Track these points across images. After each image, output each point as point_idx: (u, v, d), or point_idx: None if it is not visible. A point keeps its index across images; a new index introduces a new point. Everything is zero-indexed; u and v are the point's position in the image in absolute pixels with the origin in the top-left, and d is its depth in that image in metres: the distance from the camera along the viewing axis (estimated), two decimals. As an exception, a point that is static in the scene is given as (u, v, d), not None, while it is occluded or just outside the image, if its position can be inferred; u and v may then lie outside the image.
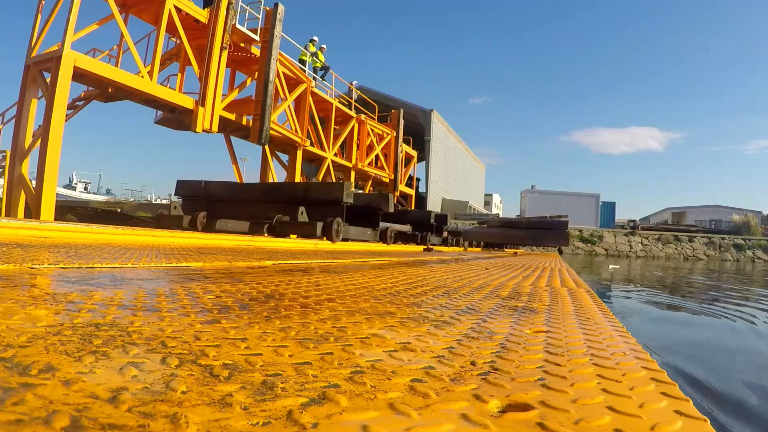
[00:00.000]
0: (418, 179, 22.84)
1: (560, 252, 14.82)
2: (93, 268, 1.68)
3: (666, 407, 0.51)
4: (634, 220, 32.19)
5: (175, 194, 7.63)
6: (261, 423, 0.41)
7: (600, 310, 1.30)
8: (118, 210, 18.18)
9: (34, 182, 7.49)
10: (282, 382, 0.52)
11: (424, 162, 26.02)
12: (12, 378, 0.47)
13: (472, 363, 0.66)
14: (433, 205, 26.07)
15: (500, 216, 34.58)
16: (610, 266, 15.39)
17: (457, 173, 31.49)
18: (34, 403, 0.41)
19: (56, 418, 0.38)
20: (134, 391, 0.46)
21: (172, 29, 8.95)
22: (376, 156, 15.85)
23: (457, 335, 0.85)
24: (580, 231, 27.10)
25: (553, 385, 0.56)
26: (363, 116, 14.79)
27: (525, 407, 0.48)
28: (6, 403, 0.41)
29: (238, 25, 9.55)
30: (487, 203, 44.12)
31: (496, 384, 0.56)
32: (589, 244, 26.64)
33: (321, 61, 13.59)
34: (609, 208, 40.70)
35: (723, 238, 27.79)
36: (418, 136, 21.69)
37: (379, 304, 1.20)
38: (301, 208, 5.99)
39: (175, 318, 0.86)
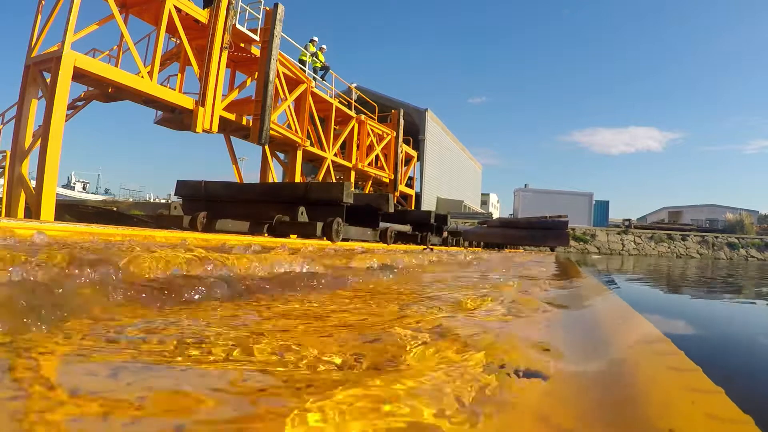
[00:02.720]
0: (414, 179, 22.88)
1: (552, 250, 15.27)
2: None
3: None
4: (629, 219, 32.25)
5: (175, 194, 7.62)
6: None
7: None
8: (114, 209, 18.13)
9: (33, 182, 7.48)
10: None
11: (419, 161, 26.04)
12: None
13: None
14: (428, 204, 26.11)
15: (495, 216, 34.62)
16: (594, 256, 16.87)
17: (452, 172, 31.51)
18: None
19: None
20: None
21: (172, 29, 8.95)
22: (376, 156, 15.86)
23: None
24: (573, 229, 27.14)
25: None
26: (363, 116, 14.80)
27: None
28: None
29: (238, 26, 9.55)
30: (484, 203, 44.13)
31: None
32: (581, 243, 26.70)
33: (321, 62, 13.59)
34: (602, 207, 40.86)
35: (717, 237, 27.92)
36: (413, 135, 21.72)
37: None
38: (302, 208, 6.00)
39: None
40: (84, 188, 43.70)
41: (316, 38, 13.34)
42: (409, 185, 19.50)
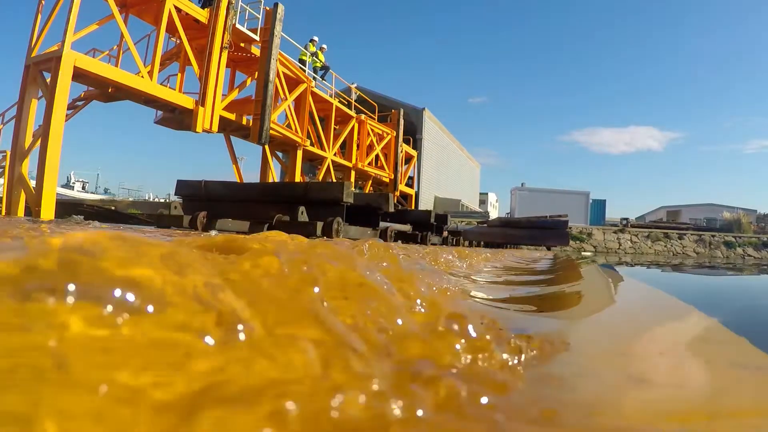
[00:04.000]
0: (414, 178, 22.90)
1: (549, 249, 15.48)
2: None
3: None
4: (626, 219, 32.31)
5: (175, 194, 7.62)
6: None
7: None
8: (113, 208, 18.12)
9: (33, 182, 7.48)
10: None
11: (416, 160, 26.02)
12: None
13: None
14: (425, 204, 26.10)
15: (493, 215, 34.63)
16: (584, 252, 17.79)
17: (450, 172, 31.49)
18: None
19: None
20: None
21: (172, 29, 8.94)
22: (376, 156, 15.87)
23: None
24: (570, 228, 27.13)
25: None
26: (363, 116, 14.81)
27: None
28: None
29: (238, 25, 9.54)
30: (483, 202, 44.10)
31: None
32: (578, 242, 26.70)
33: (321, 61, 13.59)
34: (599, 206, 40.90)
35: (713, 236, 28.01)
36: (410, 134, 21.72)
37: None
38: (302, 208, 6.01)
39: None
40: (83, 188, 43.57)
41: (316, 38, 13.34)
42: (409, 185, 19.52)
